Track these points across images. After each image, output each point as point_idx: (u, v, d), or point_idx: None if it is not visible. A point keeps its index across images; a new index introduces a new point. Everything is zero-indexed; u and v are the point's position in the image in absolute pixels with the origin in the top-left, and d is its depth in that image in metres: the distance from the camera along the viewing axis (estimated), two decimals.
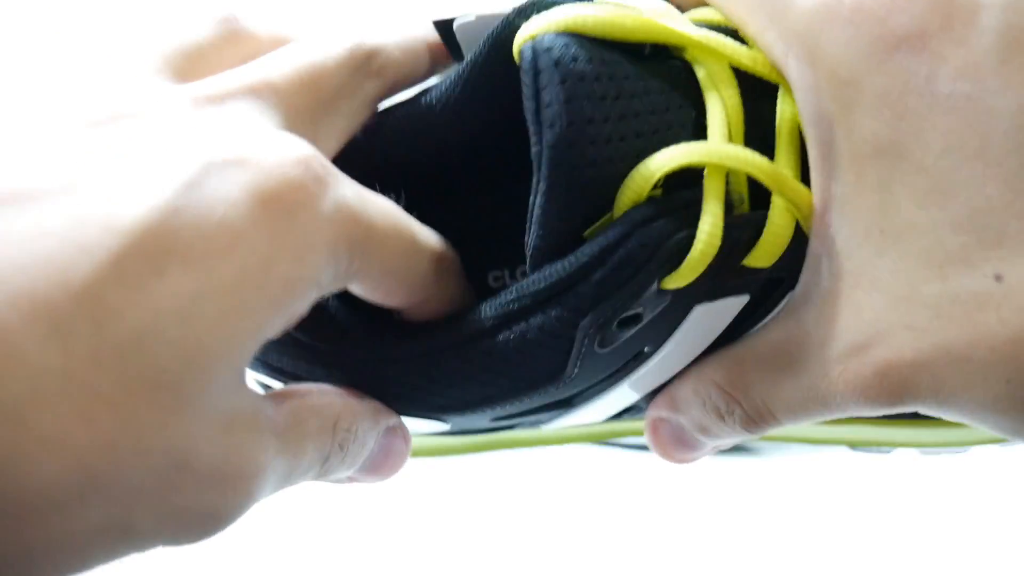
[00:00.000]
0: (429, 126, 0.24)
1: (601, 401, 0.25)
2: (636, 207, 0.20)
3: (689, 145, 0.21)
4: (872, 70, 0.19)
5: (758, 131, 0.21)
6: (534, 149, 0.20)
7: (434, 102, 0.24)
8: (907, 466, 0.36)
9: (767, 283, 0.23)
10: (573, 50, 0.20)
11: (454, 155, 0.26)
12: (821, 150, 0.20)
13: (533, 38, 0.21)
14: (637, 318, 0.21)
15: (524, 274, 0.29)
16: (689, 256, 0.21)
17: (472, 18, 0.24)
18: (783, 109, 0.22)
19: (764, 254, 0.22)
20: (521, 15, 0.22)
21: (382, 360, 0.22)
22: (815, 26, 0.20)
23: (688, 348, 0.24)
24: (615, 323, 0.21)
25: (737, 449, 0.37)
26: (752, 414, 0.23)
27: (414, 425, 0.24)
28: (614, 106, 0.20)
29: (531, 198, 0.21)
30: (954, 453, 0.29)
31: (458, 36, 0.25)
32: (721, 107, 0.21)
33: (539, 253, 0.21)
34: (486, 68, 0.23)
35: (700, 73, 0.21)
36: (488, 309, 0.22)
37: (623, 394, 0.25)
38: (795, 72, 0.21)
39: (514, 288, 0.22)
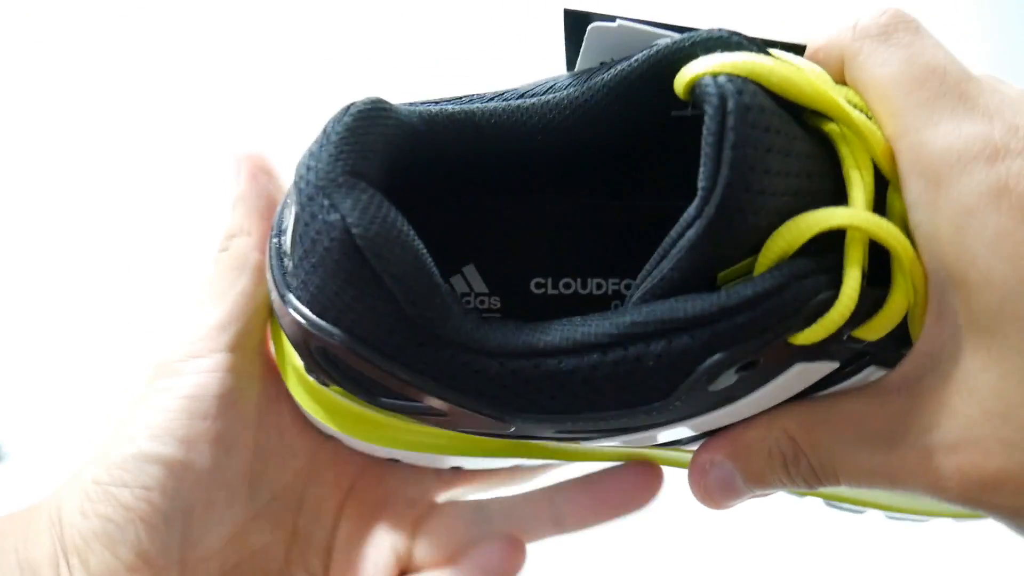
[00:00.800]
0: (547, 125, 0.24)
1: (663, 432, 0.25)
2: (794, 260, 0.21)
3: (845, 209, 0.21)
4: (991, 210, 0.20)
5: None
6: (704, 184, 0.20)
7: (563, 103, 0.24)
8: None
9: (855, 355, 0.24)
10: (760, 99, 0.20)
11: (562, 157, 0.25)
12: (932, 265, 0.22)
13: (715, 74, 0.20)
14: (754, 364, 0.22)
15: (568, 286, 0.29)
16: (826, 317, 0.21)
17: (614, 24, 0.23)
18: (892, 203, 0.22)
19: (875, 328, 0.22)
20: (696, 46, 0.22)
21: (476, 352, 0.22)
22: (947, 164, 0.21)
23: (768, 401, 0.24)
24: (736, 367, 0.21)
25: None
26: (818, 470, 0.24)
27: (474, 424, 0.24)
28: (784, 162, 0.20)
29: (680, 228, 0.21)
30: (916, 522, 0.32)
31: (587, 37, 0.24)
32: (862, 185, 0.22)
33: (668, 283, 0.21)
34: (636, 83, 0.23)
35: (844, 150, 0.22)
36: (602, 324, 0.22)
37: (680, 429, 0.25)
38: (915, 188, 0.21)
39: (636, 310, 0.21)
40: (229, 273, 0.27)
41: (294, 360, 0.27)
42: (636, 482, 0.29)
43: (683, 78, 0.21)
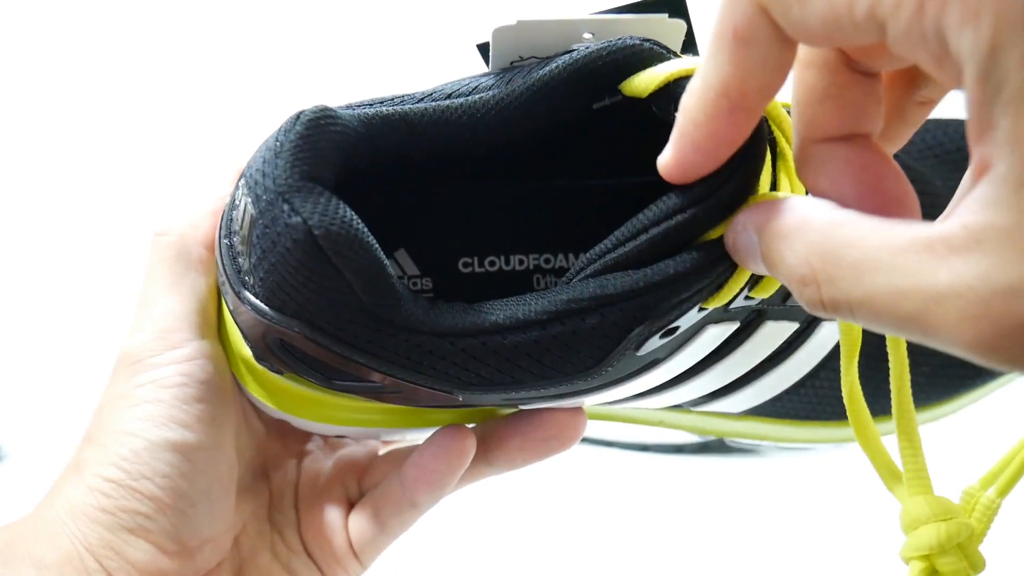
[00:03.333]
0: (475, 124, 0.26)
1: (595, 398, 0.28)
2: (711, 243, 0.23)
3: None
4: None
5: None
6: (711, 179, 0.23)
7: (489, 102, 0.26)
8: None
9: (751, 313, 0.27)
10: None
11: (487, 149, 0.27)
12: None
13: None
14: (674, 331, 0.25)
15: (492, 263, 0.31)
16: (730, 282, 0.24)
17: (514, 23, 0.25)
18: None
19: (767, 286, 0.26)
20: (618, 55, 0.24)
21: (428, 334, 0.24)
22: None
23: (688, 361, 0.27)
24: (659, 334, 0.24)
25: (738, 450, 0.39)
26: (828, 304, 0.19)
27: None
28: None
29: (658, 214, 0.23)
30: (803, 451, 0.34)
31: (493, 39, 0.26)
32: (768, 171, 0.25)
33: (622, 261, 0.24)
34: (558, 86, 0.25)
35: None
36: (541, 302, 0.24)
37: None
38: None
39: (571, 287, 0.24)
40: (174, 265, 0.29)
41: (242, 351, 0.29)
42: (563, 421, 0.30)
43: (650, 81, 0.24)
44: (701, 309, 0.24)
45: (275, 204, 0.23)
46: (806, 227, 0.20)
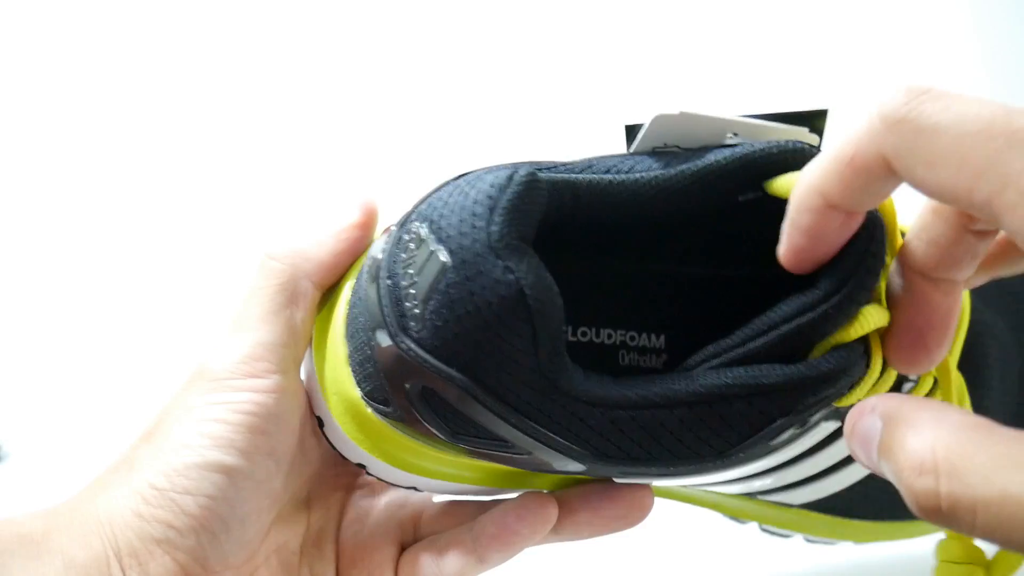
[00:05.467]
0: (634, 199, 0.27)
1: (691, 479, 0.29)
2: (853, 346, 0.25)
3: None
4: None
5: None
6: (839, 275, 0.24)
7: (652, 183, 0.27)
8: None
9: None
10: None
11: (635, 228, 0.28)
12: None
13: None
14: (805, 423, 0.26)
15: (584, 334, 0.32)
16: (858, 387, 0.26)
17: (676, 113, 0.27)
18: None
19: (879, 389, 0.27)
20: (785, 154, 0.26)
21: (583, 401, 0.25)
22: None
23: (789, 454, 0.29)
24: (797, 425, 0.25)
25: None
26: (945, 498, 0.18)
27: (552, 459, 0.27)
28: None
29: (794, 310, 0.25)
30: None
31: (651, 124, 0.28)
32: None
33: (754, 354, 0.25)
34: (723, 175, 0.27)
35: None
36: (691, 384, 0.25)
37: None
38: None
39: (723, 373, 0.25)
40: (277, 294, 0.29)
41: (345, 390, 0.28)
42: (632, 501, 0.30)
43: (789, 183, 0.25)
44: (830, 408, 0.26)
45: (485, 258, 0.23)
46: (939, 420, 0.19)
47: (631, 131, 0.29)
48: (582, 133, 0.64)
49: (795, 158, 0.26)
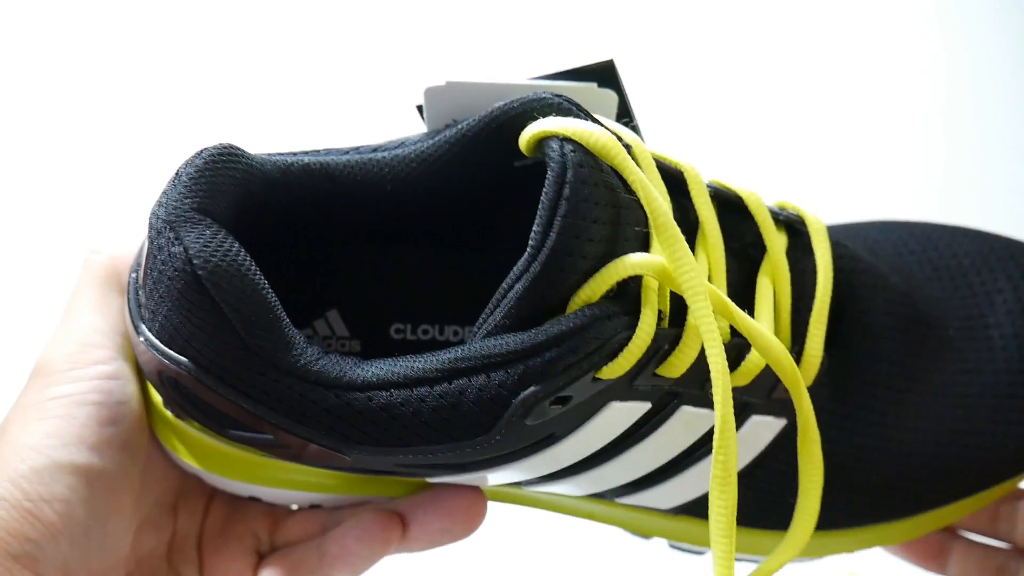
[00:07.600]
0: (396, 176, 0.26)
1: (498, 474, 0.27)
2: (599, 303, 0.23)
3: (635, 256, 0.23)
4: None
5: None
6: (533, 243, 0.22)
7: (411, 156, 0.26)
8: None
9: (664, 395, 0.26)
10: (595, 175, 0.23)
11: (413, 208, 0.27)
12: None
13: (558, 136, 0.23)
14: (567, 400, 0.23)
15: (425, 332, 0.31)
16: (625, 351, 0.23)
17: (443, 84, 0.26)
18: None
19: (676, 365, 0.25)
20: (527, 107, 0.24)
21: (313, 383, 0.24)
22: None
23: (594, 442, 0.26)
24: (549, 401, 0.23)
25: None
26: None
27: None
28: (603, 230, 0.23)
29: (510, 280, 0.23)
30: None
31: (425, 99, 0.26)
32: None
33: (500, 329, 0.23)
34: (475, 139, 0.25)
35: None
36: (432, 360, 0.23)
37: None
38: None
39: (463, 348, 0.23)
40: (103, 285, 0.29)
41: (154, 394, 0.28)
42: (455, 507, 0.29)
43: (527, 136, 0.24)
44: (595, 380, 0.23)
45: (163, 232, 0.23)
46: None
47: (421, 110, 0.27)
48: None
49: (539, 110, 0.24)
